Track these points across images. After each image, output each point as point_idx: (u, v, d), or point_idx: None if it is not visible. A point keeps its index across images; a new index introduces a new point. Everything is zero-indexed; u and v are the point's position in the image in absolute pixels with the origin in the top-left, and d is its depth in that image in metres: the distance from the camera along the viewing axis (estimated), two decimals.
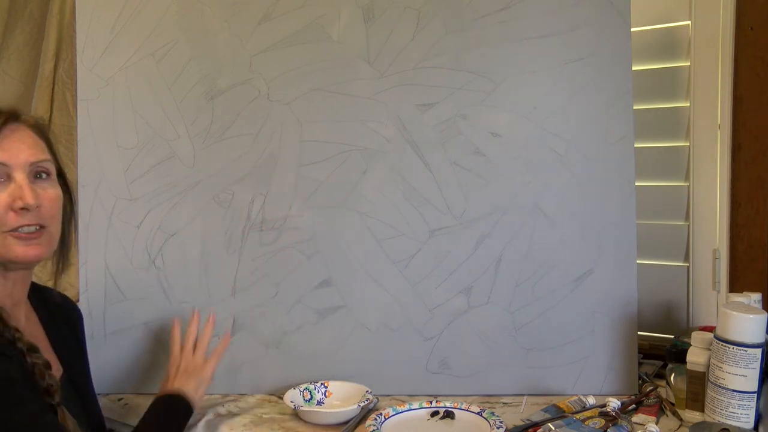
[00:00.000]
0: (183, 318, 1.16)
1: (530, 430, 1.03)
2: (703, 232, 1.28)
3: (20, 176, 0.89)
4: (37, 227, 0.90)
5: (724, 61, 1.24)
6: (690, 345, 1.09)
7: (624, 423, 1.02)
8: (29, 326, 0.97)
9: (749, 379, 0.98)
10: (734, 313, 1.00)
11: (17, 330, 0.89)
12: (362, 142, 1.23)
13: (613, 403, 1.08)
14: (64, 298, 1.11)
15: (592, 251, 1.19)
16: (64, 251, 1.00)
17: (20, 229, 0.88)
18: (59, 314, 1.06)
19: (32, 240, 0.90)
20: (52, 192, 0.93)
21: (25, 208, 0.88)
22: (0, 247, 0.88)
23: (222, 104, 1.26)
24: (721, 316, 1.02)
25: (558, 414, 1.08)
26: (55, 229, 0.94)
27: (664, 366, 1.19)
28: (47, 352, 0.96)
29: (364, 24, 1.23)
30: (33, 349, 0.88)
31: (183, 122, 1.26)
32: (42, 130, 0.96)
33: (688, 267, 1.30)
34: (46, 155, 0.94)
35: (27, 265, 0.93)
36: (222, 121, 1.25)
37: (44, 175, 0.93)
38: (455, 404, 1.13)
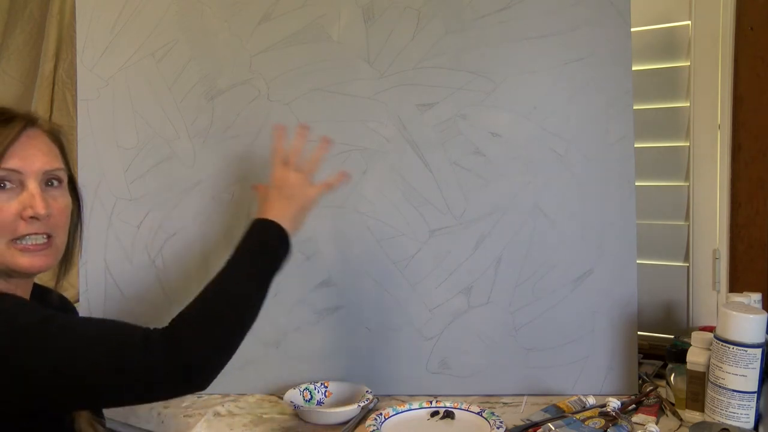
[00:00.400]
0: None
1: (530, 430, 1.03)
2: (703, 232, 1.28)
3: (33, 184, 0.88)
4: (45, 237, 0.90)
5: (724, 61, 1.24)
6: (690, 345, 1.09)
7: (624, 423, 1.02)
8: None
9: (749, 379, 0.98)
10: (734, 313, 1.00)
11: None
12: (362, 142, 1.23)
13: (613, 403, 1.08)
14: (63, 300, 1.11)
15: (592, 251, 1.19)
16: (67, 257, 1.00)
17: (27, 239, 0.88)
18: None
19: (38, 252, 0.89)
20: (62, 201, 0.93)
21: (34, 217, 0.87)
22: (4, 257, 0.87)
23: (222, 104, 1.26)
24: (721, 316, 1.02)
25: (558, 414, 1.08)
26: (62, 239, 0.94)
27: (664, 366, 1.19)
28: None
29: (364, 24, 1.23)
30: None
31: (183, 122, 1.26)
32: (57, 136, 0.95)
33: (688, 267, 1.30)
34: (60, 163, 0.93)
35: (31, 275, 0.93)
36: (222, 121, 1.25)
37: (55, 183, 0.92)
38: (455, 404, 1.13)
